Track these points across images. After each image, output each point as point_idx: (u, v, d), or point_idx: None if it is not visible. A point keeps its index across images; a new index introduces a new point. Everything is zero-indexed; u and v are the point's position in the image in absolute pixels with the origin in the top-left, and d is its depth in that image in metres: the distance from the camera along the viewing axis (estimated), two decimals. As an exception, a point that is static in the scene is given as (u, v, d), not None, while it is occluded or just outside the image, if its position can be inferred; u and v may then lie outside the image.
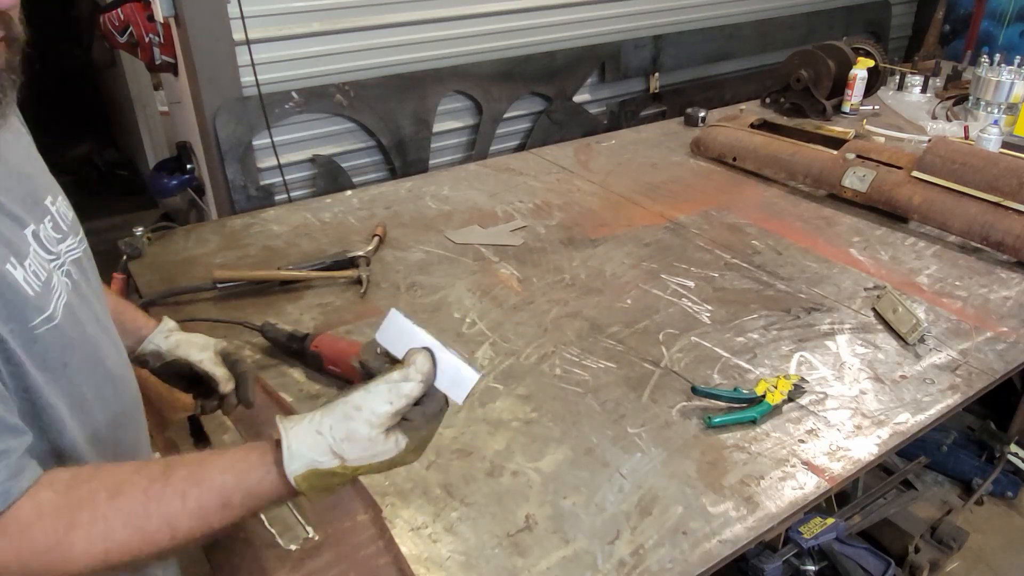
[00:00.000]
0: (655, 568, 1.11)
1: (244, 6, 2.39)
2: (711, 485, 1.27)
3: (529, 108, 3.29)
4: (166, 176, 2.92)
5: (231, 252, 2.02)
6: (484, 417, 1.42)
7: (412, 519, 1.19)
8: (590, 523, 1.19)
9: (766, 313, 1.78)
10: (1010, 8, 4.20)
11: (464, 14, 2.95)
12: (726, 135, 2.70)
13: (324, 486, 0.82)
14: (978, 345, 1.68)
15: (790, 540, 1.72)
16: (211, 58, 2.45)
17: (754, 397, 1.44)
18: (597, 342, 1.65)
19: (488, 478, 1.27)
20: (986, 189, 2.10)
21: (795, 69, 3.05)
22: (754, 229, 2.20)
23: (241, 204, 2.62)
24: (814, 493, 1.26)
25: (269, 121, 2.57)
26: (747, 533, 1.18)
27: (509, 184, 2.51)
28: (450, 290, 1.85)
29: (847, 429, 1.41)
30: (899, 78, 3.32)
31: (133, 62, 3.96)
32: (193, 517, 0.79)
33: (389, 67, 2.83)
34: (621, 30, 3.42)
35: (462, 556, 1.13)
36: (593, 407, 1.45)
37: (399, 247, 2.07)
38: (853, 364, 1.60)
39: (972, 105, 3.03)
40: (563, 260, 2.01)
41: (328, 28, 2.66)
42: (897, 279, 1.94)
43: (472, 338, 1.66)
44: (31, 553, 0.74)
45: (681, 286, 1.88)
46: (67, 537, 0.75)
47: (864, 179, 2.30)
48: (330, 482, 0.82)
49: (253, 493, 0.81)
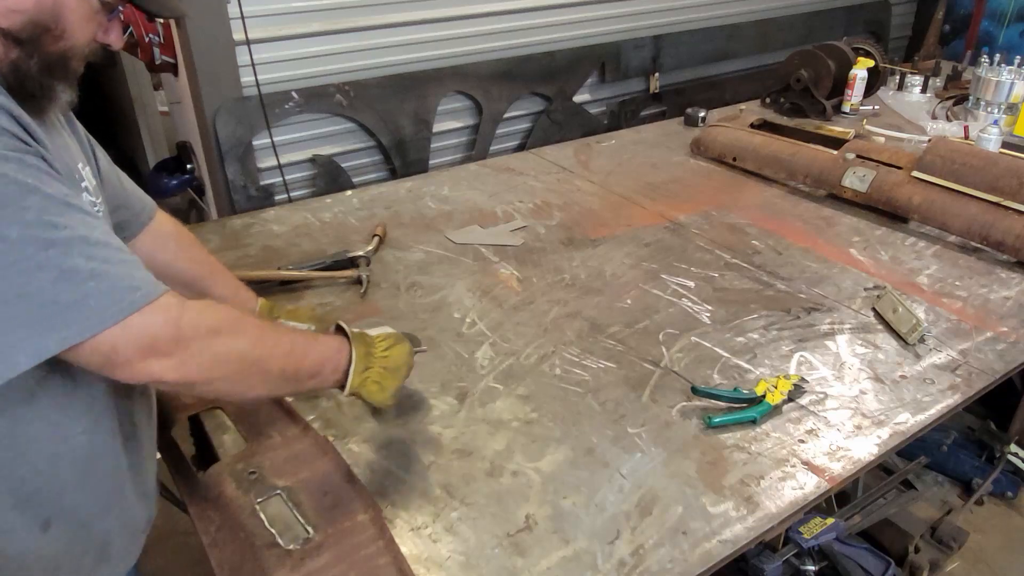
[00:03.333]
0: (655, 568, 1.11)
1: (244, 6, 2.39)
2: (711, 485, 1.27)
3: (529, 108, 3.29)
4: (166, 176, 2.92)
5: (231, 252, 2.02)
6: (484, 417, 1.42)
7: (412, 519, 1.19)
8: (590, 523, 1.19)
9: (766, 313, 1.78)
10: (1010, 8, 4.19)
11: (464, 14, 2.95)
12: (726, 135, 2.70)
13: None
14: (978, 345, 1.68)
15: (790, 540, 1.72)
16: (211, 58, 2.45)
17: (754, 397, 1.44)
18: (597, 342, 1.65)
19: (488, 478, 1.27)
20: (986, 189, 2.10)
21: (795, 69, 3.05)
22: (754, 229, 2.20)
23: (241, 204, 2.61)
24: (814, 493, 1.26)
25: (269, 121, 2.57)
26: (747, 533, 1.18)
27: (509, 184, 2.51)
28: (450, 290, 1.85)
29: (847, 429, 1.41)
30: (899, 78, 3.32)
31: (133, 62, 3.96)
32: (288, 360, 1.05)
33: (389, 67, 2.83)
34: (621, 30, 3.42)
35: (462, 556, 1.13)
36: (593, 407, 1.45)
37: (399, 247, 2.07)
38: (853, 364, 1.60)
39: (972, 105, 3.03)
40: (563, 260, 2.01)
41: (328, 28, 2.66)
42: (897, 279, 1.94)
43: (472, 338, 1.66)
44: (192, 329, 0.91)
45: (681, 286, 1.88)
46: (215, 320, 0.96)
47: (864, 179, 2.30)
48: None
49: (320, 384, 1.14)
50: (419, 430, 1.38)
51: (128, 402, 1.06)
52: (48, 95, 0.92)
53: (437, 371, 1.54)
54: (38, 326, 0.81)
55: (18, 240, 0.79)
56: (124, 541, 1.09)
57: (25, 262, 0.79)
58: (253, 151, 2.62)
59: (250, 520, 1.16)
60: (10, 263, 0.79)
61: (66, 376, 0.93)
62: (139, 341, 0.87)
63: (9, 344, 0.81)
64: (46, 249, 0.80)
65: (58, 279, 0.81)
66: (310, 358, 1.09)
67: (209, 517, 1.18)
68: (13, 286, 0.79)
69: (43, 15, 0.88)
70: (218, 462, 1.29)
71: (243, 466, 1.26)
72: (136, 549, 1.13)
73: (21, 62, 0.88)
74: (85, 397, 0.96)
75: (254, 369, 1.00)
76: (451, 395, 1.47)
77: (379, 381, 1.17)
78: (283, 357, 1.04)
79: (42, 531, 0.97)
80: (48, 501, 0.97)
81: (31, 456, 0.94)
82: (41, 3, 0.87)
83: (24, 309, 0.80)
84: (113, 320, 0.84)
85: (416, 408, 1.44)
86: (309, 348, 1.10)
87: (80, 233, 0.84)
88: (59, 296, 0.81)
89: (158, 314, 0.88)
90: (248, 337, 1.00)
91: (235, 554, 1.11)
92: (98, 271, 0.84)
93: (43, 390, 0.91)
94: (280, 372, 1.04)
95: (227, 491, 1.22)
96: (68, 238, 0.82)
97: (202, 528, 1.16)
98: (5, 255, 0.78)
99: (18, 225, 0.79)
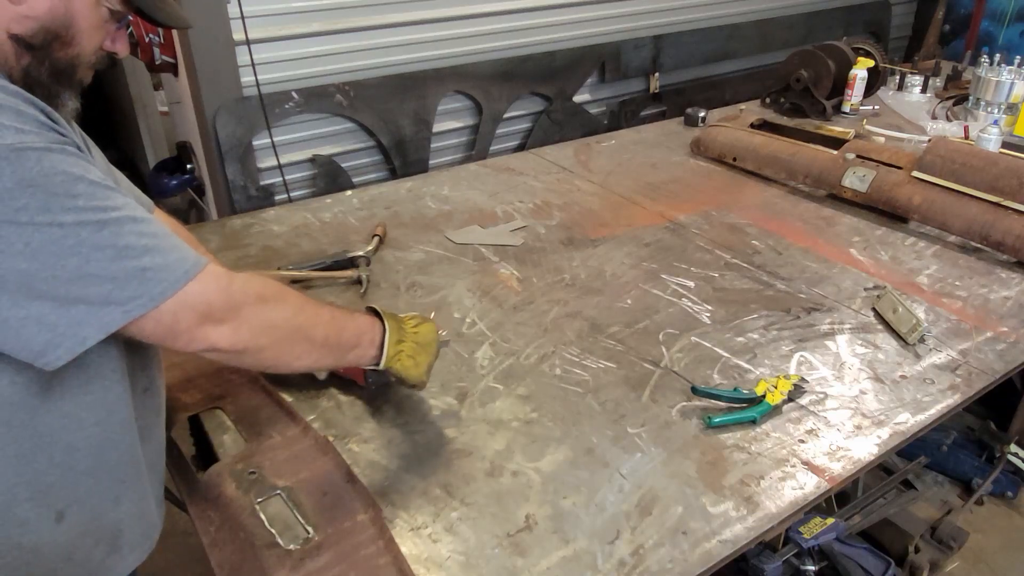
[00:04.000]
0: (655, 568, 1.11)
1: (244, 6, 2.39)
2: (711, 485, 1.27)
3: (529, 108, 3.29)
4: (166, 176, 2.93)
5: (231, 252, 2.02)
6: (484, 417, 1.42)
7: (412, 519, 1.19)
8: (590, 523, 1.19)
9: (766, 313, 1.78)
10: (1010, 8, 4.20)
11: (464, 14, 2.95)
12: (726, 135, 2.70)
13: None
14: (978, 345, 1.68)
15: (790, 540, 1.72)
16: (211, 58, 2.45)
17: (754, 397, 1.44)
18: (597, 342, 1.65)
19: (488, 478, 1.27)
20: (986, 189, 2.10)
21: (795, 69, 3.05)
22: (754, 229, 2.20)
23: (241, 204, 2.62)
24: (814, 493, 1.26)
25: (269, 121, 2.57)
26: (747, 533, 1.18)
27: (509, 184, 2.51)
28: (450, 290, 1.85)
29: (847, 429, 1.41)
30: (899, 78, 3.32)
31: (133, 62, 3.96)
32: (331, 328, 1.11)
33: (389, 67, 2.83)
34: (621, 30, 3.42)
35: (462, 556, 1.13)
36: (593, 407, 1.45)
37: (399, 247, 2.07)
38: (853, 364, 1.60)
39: (972, 105, 3.03)
40: (563, 260, 2.01)
41: (328, 28, 2.66)
42: (897, 279, 1.94)
43: (472, 338, 1.66)
44: (241, 295, 0.97)
45: (681, 286, 1.88)
46: (261, 288, 1.01)
47: (864, 179, 2.30)
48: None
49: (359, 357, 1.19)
50: (419, 430, 1.38)
51: (139, 396, 1.07)
52: (55, 102, 0.94)
53: (437, 371, 1.53)
54: (102, 302, 0.86)
55: (73, 224, 0.83)
56: (136, 532, 1.10)
57: (83, 245, 0.83)
58: (253, 151, 2.62)
59: (250, 520, 1.16)
60: (69, 247, 0.83)
61: (81, 368, 0.94)
62: (197, 308, 0.92)
63: (75, 321, 0.85)
64: (100, 230, 0.84)
65: (116, 257, 0.85)
66: (349, 329, 1.16)
67: (209, 517, 1.18)
68: (74, 268, 0.83)
69: (55, 22, 0.90)
70: (218, 462, 1.29)
71: (243, 466, 1.26)
72: (148, 544, 1.13)
73: (32, 68, 0.90)
74: (99, 389, 0.98)
75: (299, 336, 1.06)
76: (451, 395, 1.47)
77: (413, 356, 1.24)
78: (325, 326, 1.10)
79: (56, 522, 0.98)
80: (63, 492, 0.98)
81: (48, 448, 0.95)
82: (54, 10, 0.90)
83: (87, 288, 0.84)
84: (173, 289, 0.89)
85: (416, 408, 1.44)
86: (347, 320, 1.17)
87: (127, 212, 0.88)
88: (118, 272, 0.86)
89: (210, 281, 0.93)
90: (292, 305, 1.05)
91: (235, 554, 1.11)
92: (151, 246, 0.88)
93: (59, 382, 0.93)
94: (323, 340, 1.10)
95: (227, 491, 1.22)
96: (119, 218, 0.87)
97: (202, 528, 1.16)
98: (63, 240, 0.82)
99: (72, 211, 0.83)
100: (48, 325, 0.84)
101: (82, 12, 0.92)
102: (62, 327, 0.84)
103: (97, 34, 0.96)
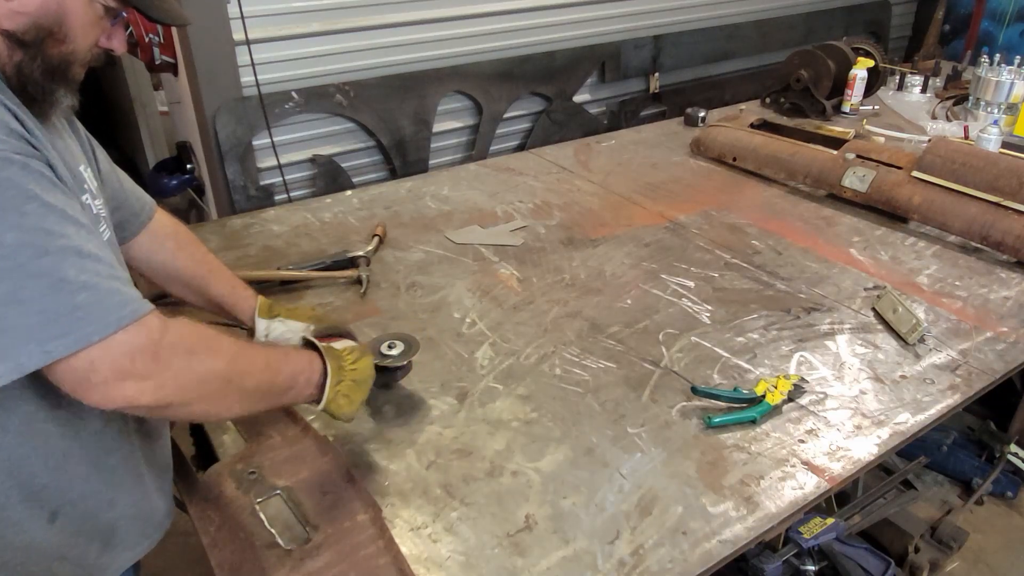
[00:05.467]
0: (655, 568, 1.11)
1: (244, 6, 2.39)
2: (711, 485, 1.27)
3: (529, 108, 3.29)
4: (166, 176, 2.92)
5: (231, 252, 2.02)
6: (484, 417, 1.42)
7: (412, 519, 1.19)
8: (590, 523, 1.19)
9: (766, 313, 1.78)
10: (1010, 8, 4.19)
11: (464, 14, 2.95)
12: (726, 135, 2.70)
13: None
14: (978, 345, 1.68)
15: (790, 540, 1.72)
16: (211, 58, 2.45)
17: (754, 397, 1.44)
18: (597, 342, 1.65)
19: (488, 478, 1.27)
20: (986, 189, 2.10)
21: (795, 69, 3.05)
22: (754, 229, 2.20)
23: (241, 204, 2.61)
24: (814, 493, 1.26)
25: (269, 121, 2.57)
26: (747, 533, 1.18)
27: (509, 184, 2.51)
28: (450, 290, 1.85)
29: (847, 429, 1.41)
30: (899, 78, 3.32)
31: (133, 62, 3.96)
32: (264, 375, 1.06)
33: (389, 67, 2.83)
34: (621, 30, 3.42)
35: (462, 556, 1.13)
36: (593, 407, 1.45)
37: (399, 247, 2.07)
38: (853, 364, 1.60)
39: (972, 105, 3.03)
40: (563, 260, 2.01)
41: (328, 28, 2.66)
42: (897, 279, 1.94)
43: (472, 338, 1.66)
44: (170, 350, 0.90)
45: (681, 286, 1.88)
46: (192, 340, 0.95)
47: (864, 179, 2.30)
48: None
49: (295, 398, 1.14)
50: (419, 430, 1.38)
51: None
52: (50, 99, 0.93)
53: (437, 371, 1.54)
54: (24, 337, 0.80)
55: (14, 245, 0.79)
56: (133, 531, 1.10)
57: (20, 268, 0.79)
58: (253, 151, 2.62)
59: (250, 520, 1.16)
60: (5, 268, 0.79)
61: None
62: (118, 360, 0.85)
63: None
64: (40, 257, 0.80)
65: (50, 288, 0.81)
66: (284, 372, 1.10)
67: (209, 517, 1.18)
68: (6, 291, 0.79)
69: (47, 18, 0.89)
70: (218, 462, 1.29)
71: (243, 466, 1.26)
72: (147, 542, 1.13)
73: (24, 65, 0.89)
74: None
75: (231, 387, 1.00)
76: (451, 395, 1.47)
77: (348, 394, 1.17)
78: (259, 373, 1.04)
79: (49, 522, 0.98)
80: (57, 494, 0.97)
81: (43, 452, 0.94)
82: (45, 6, 0.88)
83: (12, 317, 0.80)
84: (99, 335, 0.83)
85: (416, 408, 1.44)
86: (283, 362, 1.10)
87: (74, 244, 0.83)
88: (48, 306, 0.81)
89: (141, 333, 0.87)
90: (225, 356, 0.99)
91: (235, 554, 1.11)
92: (89, 283, 0.83)
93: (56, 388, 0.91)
94: (255, 388, 1.04)
95: (227, 491, 1.22)
96: (63, 247, 0.82)
97: (202, 528, 1.16)
98: (1, 260, 0.78)
99: (16, 230, 0.79)
100: None
101: (75, 9, 0.90)
102: None
103: (92, 31, 0.94)
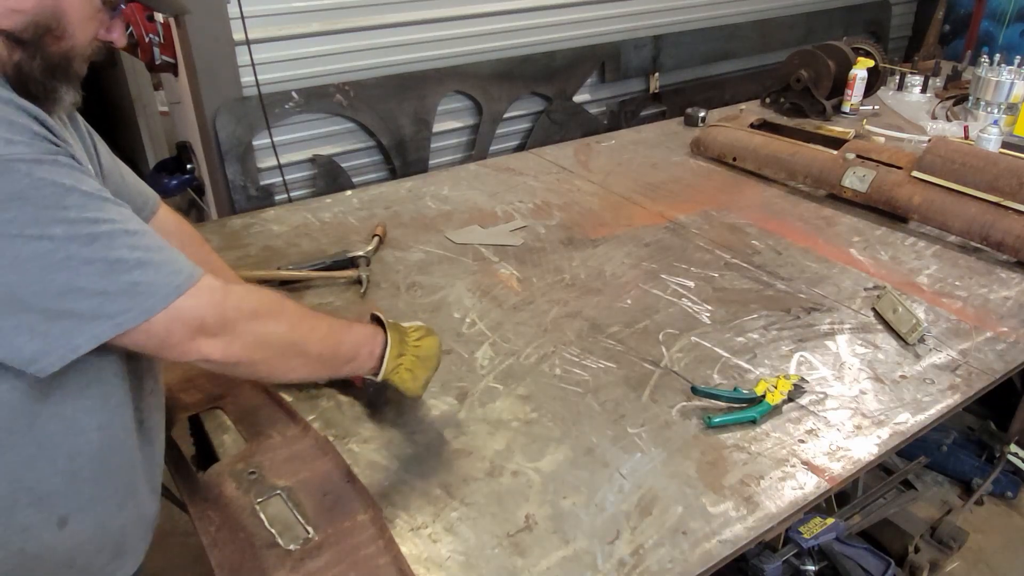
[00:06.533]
0: (655, 568, 1.11)
1: (244, 6, 2.39)
2: (711, 485, 1.27)
3: (529, 108, 3.29)
4: (166, 176, 2.92)
5: (231, 252, 2.02)
6: (484, 417, 1.42)
7: (412, 519, 1.19)
8: (590, 523, 1.19)
9: (766, 313, 1.78)
10: (1010, 8, 4.20)
11: (464, 14, 2.95)
12: (726, 135, 2.70)
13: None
14: (978, 345, 1.68)
15: (790, 540, 1.72)
16: (211, 58, 2.45)
17: (754, 397, 1.44)
18: (597, 342, 1.65)
19: (488, 478, 1.27)
20: (986, 189, 2.10)
21: (795, 69, 3.05)
22: (754, 229, 2.20)
23: (241, 204, 2.62)
24: (814, 493, 1.26)
25: (269, 121, 2.57)
26: (747, 533, 1.18)
27: (509, 184, 2.51)
28: (450, 290, 1.85)
29: (847, 429, 1.41)
30: (899, 78, 3.32)
31: (133, 62, 3.96)
32: (327, 343, 1.11)
33: (389, 67, 2.83)
34: (621, 30, 3.43)
35: (462, 556, 1.13)
36: (593, 407, 1.45)
37: (399, 247, 2.07)
38: (853, 364, 1.60)
39: (972, 105, 3.03)
40: (563, 260, 2.01)
41: (328, 28, 2.66)
42: (897, 279, 1.94)
43: (472, 338, 1.66)
44: (235, 311, 0.96)
45: (681, 286, 1.88)
46: (256, 303, 1.01)
47: (864, 179, 2.30)
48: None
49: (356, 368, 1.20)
50: (419, 430, 1.38)
51: (141, 397, 1.07)
52: (52, 97, 0.93)
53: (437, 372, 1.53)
54: (92, 316, 0.85)
55: (63, 238, 0.82)
56: (138, 536, 1.10)
57: (73, 258, 0.83)
58: (253, 151, 2.62)
59: (250, 520, 1.16)
60: (58, 261, 0.82)
61: (80, 372, 0.93)
62: (188, 323, 0.91)
63: (66, 331, 0.85)
64: (91, 243, 0.84)
65: (106, 271, 0.85)
66: (346, 343, 1.16)
67: (209, 517, 1.18)
68: (63, 281, 0.83)
69: (44, 15, 0.88)
70: (218, 462, 1.29)
71: (243, 466, 1.26)
72: (145, 545, 1.14)
73: (24, 64, 0.88)
74: (99, 394, 0.97)
75: (294, 351, 1.06)
76: (451, 395, 1.47)
77: (411, 369, 1.24)
78: (321, 340, 1.10)
79: (59, 528, 0.97)
80: (65, 499, 0.97)
81: (50, 454, 0.94)
82: (43, 3, 0.88)
83: (77, 302, 0.84)
84: (163, 304, 0.89)
85: (416, 408, 1.44)
86: (345, 333, 1.16)
87: (120, 226, 0.87)
88: (109, 287, 0.85)
89: (203, 296, 0.93)
90: (287, 320, 1.05)
91: (235, 554, 1.11)
92: (143, 259, 0.88)
93: (59, 387, 0.92)
94: (318, 355, 1.10)
95: (227, 491, 1.22)
96: (110, 231, 0.86)
97: (202, 528, 1.16)
98: (53, 253, 0.82)
99: (62, 224, 0.82)
100: (39, 333, 0.83)
101: (72, 4, 0.90)
102: (53, 336, 0.84)
103: (90, 25, 0.93)
